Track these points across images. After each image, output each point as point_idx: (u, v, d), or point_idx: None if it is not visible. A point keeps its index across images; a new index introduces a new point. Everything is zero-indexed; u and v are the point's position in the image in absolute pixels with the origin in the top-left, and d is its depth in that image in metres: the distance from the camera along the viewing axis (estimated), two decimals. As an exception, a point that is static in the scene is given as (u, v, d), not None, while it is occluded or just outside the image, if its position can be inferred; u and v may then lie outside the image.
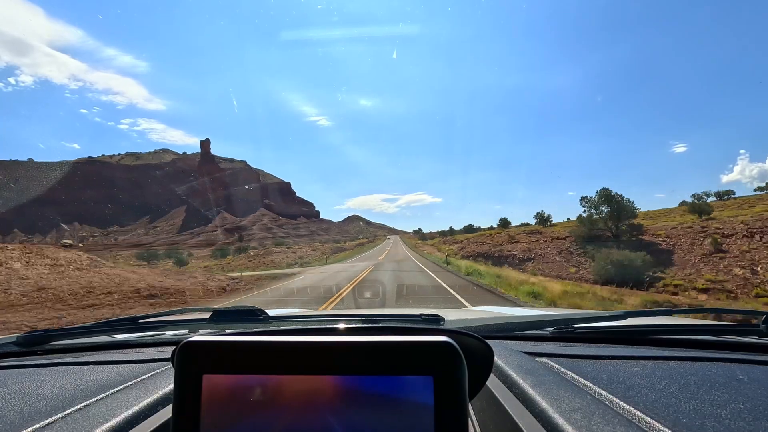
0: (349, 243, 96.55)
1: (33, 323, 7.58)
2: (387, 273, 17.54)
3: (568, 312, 1.63)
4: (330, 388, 0.39)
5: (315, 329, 0.62)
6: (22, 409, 0.63)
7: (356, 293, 10.70)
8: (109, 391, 0.69)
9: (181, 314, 1.64)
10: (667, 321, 1.33)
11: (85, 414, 0.58)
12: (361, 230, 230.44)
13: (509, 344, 0.99)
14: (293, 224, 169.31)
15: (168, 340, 1.17)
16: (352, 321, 1.26)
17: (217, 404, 0.39)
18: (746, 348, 0.94)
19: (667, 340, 1.00)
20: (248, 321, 1.24)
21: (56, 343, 1.11)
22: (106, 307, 9.76)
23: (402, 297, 9.82)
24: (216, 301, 11.53)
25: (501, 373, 0.73)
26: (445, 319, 1.12)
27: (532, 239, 34.14)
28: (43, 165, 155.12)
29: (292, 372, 0.40)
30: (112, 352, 1.08)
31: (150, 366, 0.87)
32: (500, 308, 2.31)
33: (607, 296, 11.75)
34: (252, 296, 11.97)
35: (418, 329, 0.68)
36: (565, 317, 1.18)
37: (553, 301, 9.93)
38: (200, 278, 15.52)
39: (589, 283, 17.94)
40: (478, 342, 0.55)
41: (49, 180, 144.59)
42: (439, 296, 10.10)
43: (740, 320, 1.83)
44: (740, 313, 1.38)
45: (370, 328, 0.66)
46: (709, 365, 0.77)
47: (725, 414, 0.54)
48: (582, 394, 0.59)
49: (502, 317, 1.46)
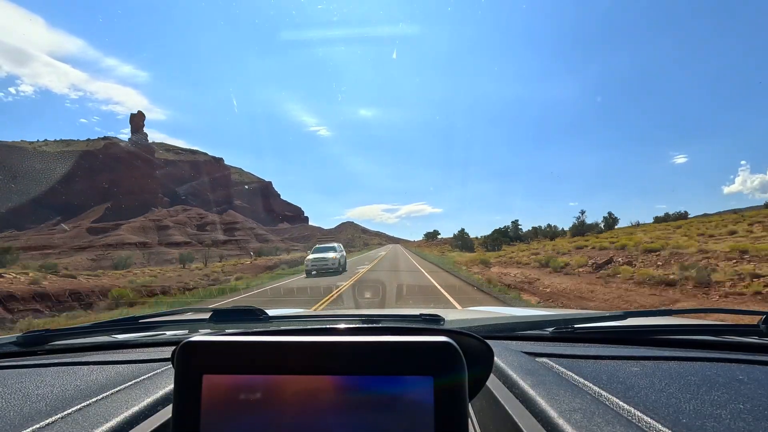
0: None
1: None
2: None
3: (568, 312, 1.63)
4: (330, 388, 0.39)
5: (315, 329, 0.62)
6: (22, 409, 0.63)
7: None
8: (109, 391, 0.69)
9: (181, 314, 1.64)
10: (667, 321, 1.33)
11: (85, 414, 0.58)
12: (353, 238, 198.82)
13: (509, 344, 0.99)
14: (267, 229, 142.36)
15: (168, 340, 1.17)
16: (352, 321, 1.26)
17: (217, 404, 0.39)
18: (746, 348, 0.94)
19: (667, 340, 1.00)
20: (248, 321, 1.24)
21: (56, 343, 1.11)
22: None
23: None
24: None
25: (501, 373, 0.73)
26: (445, 319, 1.12)
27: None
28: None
29: (292, 372, 0.40)
30: (112, 352, 1.08)
31: (150, 366, 0.87)
32: (500, 308, 2.31)
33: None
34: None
35: (418, 329, 0.68)
36: (565, 317, 1.18)
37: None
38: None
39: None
40: (478, 342, 0.55)
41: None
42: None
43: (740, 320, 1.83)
44: (740, 313, 1.38)
45: (370, 328, 0.66)
46: (709, 365, 0.77)
47: (725, 414, 0.54)
48: (582, 395, 0.59)
49: (502, 317, 1.46)
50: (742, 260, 10.89)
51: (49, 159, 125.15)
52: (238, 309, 1.29)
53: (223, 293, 13.88)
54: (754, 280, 8.80)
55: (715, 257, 11.63)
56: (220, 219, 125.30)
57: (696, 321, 1.40)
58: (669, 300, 8.50)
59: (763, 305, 7.75)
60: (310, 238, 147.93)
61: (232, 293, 13.51)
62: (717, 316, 4.59)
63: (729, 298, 8.29)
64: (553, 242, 29.20)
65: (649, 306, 7.93)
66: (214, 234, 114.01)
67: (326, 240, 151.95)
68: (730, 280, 9.10)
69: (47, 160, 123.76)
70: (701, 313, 1.33)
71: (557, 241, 30.65)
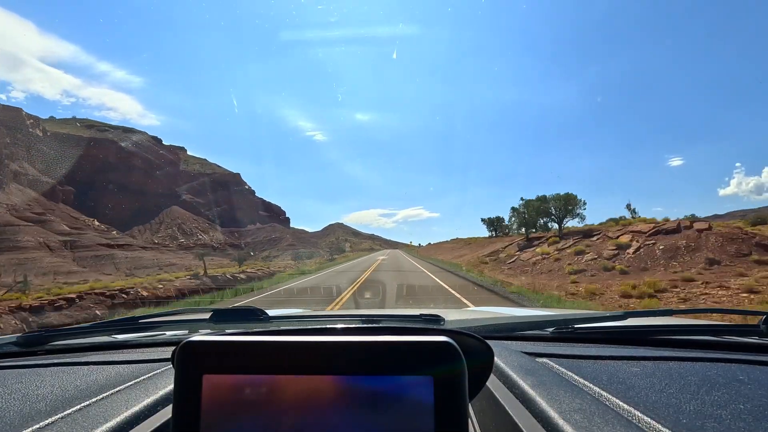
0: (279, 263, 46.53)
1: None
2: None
3: (568, 312, 1.63)
4: (330, 388, 0.39)
5: (315, 329, 0.62)
6: (22, 409, 0.63)
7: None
8: (109, 391, 0.69)
9: (181, 314, 1.64)
10: (667, 321, 1.33)
11: (85, 414, 0.58)
12: (337, 242, 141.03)
13: (509, 344, 0.99)
14: (225, 231, 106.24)
15: (168, 340, 1.17)
16: (352, 321, 1.26)
17: (217, 404, 0.39)
18: (746, 348, 0.94)
19: (667, 340, 1.00)
20: (248, 321, 1.24)
21: (56, 344, 1.11)
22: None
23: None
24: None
25: (501, 373, 0.73)
26: (445, 319, 1.12)
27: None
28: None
29: (292, 372, 0.40)
30: (112, 353, 1.08)
31: (150, 366, 0.87)
32: (500, 308, 2.31)
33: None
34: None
35: (418, 329, 0.68)
36: (565, 317, 1.18)
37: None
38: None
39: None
40: (478, 342, 0.55)
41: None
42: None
43: (740, 320, 1.83)
44: (740, 314, 1.38)
45: (370, 328, 0.66)
46: (709, 366, 0.77)
47: (725, 415, 0.54)
48: (582, 395, 0.59)
49: (502, 317, 1.46)
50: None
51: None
52: (238, 309, 1.29)
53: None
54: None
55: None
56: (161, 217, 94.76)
57: (696, 321, 1.40)
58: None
59: (763, 305, 7.73)
60: (279, 242, 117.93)
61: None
62: (717, 316, 4.59)
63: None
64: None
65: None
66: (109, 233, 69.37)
67: (304, 244, 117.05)
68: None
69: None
70: (701, 313, 1.33)
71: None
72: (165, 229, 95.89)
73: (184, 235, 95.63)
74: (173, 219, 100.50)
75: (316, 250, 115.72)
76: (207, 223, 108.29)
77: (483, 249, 33.74)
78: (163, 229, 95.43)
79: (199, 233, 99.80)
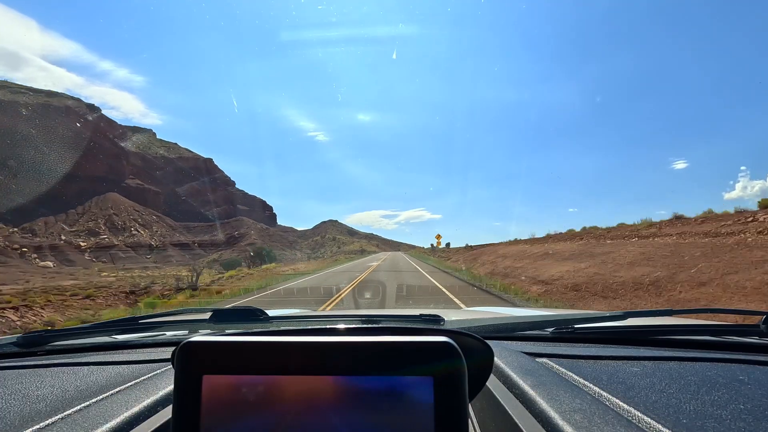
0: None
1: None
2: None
3: (568, 312, 1.63)
4: (330, 388, 0.39)
5: (315, 329, 0.62)
6: (22, 409, 0.63)
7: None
8: (109, 391, 0.69)
9: (181, 315, 1.64)
10: (667, 321, 1.33)
11: (86, 415, 0.58)
12: (324, 242, 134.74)
13: (509, 344, 0.99)
14: (180, 225, 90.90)
15: (168, 340, 1.17)
16: (352, 321, 1.26)
17: (217, 405, 0.39)
18: (746, 348, 0.94)
19: (667, 340, 1.00)
20: (248, 321, 1.24)
21: (56, 344, 1.11)
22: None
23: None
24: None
25: (501, 373, 0.73)
26: (445, 319, 1.12)
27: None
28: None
29: (293, 372, 0.40)
30: (112, 353, 1.08)
31: (150, 366, 0.87)
32: (500, 309, 2.31)
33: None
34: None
35: (418, 329, 0.68)
36: (565, 317, 1.18)
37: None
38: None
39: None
40: (478, 342, 0.55)
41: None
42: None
43: (740, 320, 1.83)
44: (740, 313, 1.38)
45: (370, 329, 0.66)
46: (709, 366, 0.77)
47: (726, 415, 0.54)
48: (582, 395, 0.59)
49: (502, 317, 1.46)
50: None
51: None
52: (238, 309, 1.29)
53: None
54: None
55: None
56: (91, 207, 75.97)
57: (696, 321, 1.40)
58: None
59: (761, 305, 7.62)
60: (243, 239, 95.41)
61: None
62: (717, 316, 4.59)
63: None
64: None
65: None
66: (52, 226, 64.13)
67: (277, 243, 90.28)
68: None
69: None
70: (701, 313, 1.33)
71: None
72: (87, 221, 74.11)
73: (113, 229, 75.40)
74: (104, 209, 78.93)
75: (292, 252, 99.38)
76: (154, 215, 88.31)
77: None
78: (84, 222, 74.00)
79: (137, 227, 79.63)
